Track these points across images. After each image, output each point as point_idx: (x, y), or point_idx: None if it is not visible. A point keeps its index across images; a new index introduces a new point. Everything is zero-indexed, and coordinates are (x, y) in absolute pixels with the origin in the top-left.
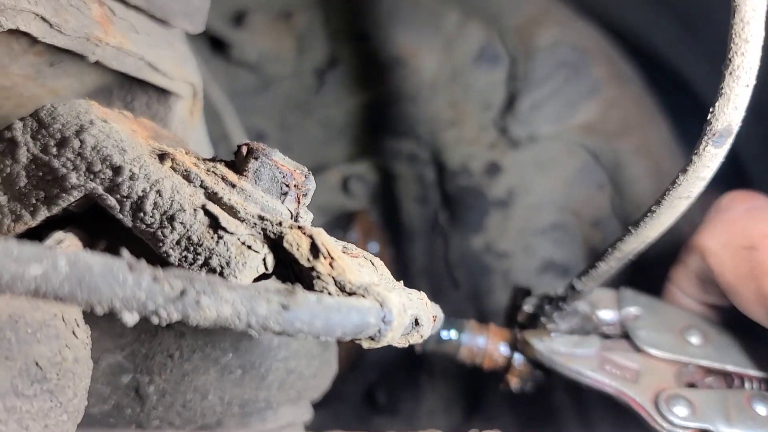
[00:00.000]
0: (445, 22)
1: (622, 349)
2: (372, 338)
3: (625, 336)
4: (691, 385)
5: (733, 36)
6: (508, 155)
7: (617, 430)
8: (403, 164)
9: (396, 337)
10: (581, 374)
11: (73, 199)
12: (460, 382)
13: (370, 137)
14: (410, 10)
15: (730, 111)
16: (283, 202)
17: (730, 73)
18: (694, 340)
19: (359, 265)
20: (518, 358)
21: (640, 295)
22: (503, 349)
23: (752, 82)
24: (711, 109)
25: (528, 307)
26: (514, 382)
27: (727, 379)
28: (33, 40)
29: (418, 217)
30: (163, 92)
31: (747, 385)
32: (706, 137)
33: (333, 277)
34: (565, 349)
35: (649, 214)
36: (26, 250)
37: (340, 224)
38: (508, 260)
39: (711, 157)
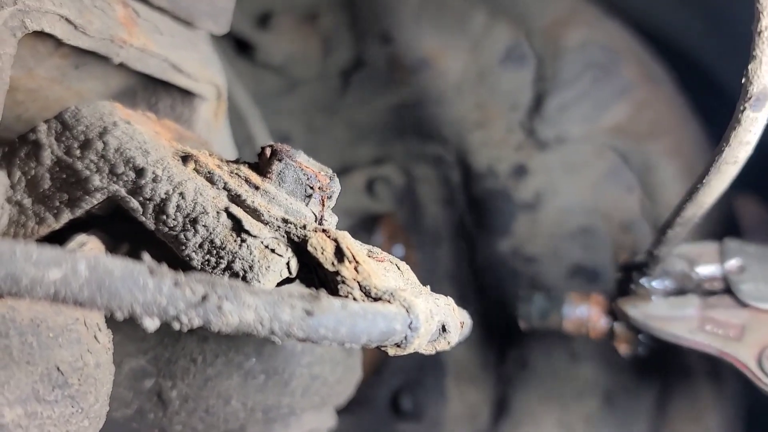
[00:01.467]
0: (472, 23)
1: (725, 305)
2: (398, 345)
3: (730, 291)
4: None
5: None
6: (536, 157)
7: None
8: (429, 166)
9: (423, 344)
10: (679, 337)
11: (96, 202)
12: (486, 388)
13: (395, 139)
14: (436, 11)
15: (764, 73)
16: (307, 205)
17: (759, 34)
18: None
19: (385, 269)
20: (619, 325)
21: (746, 244)
22: (606, 318)
23: None
24: (744, 72)
25: (617, 275)
26: (623, 348)
27: None
28: (58, 43)
29: (443, 220)
30: (187, 94)
31: None
32: (743, 102)
33: (358, 282)
34: (661, 313)
35: (700, 184)
36: (46, 253)
37: (365, 227)
38: (535, 264)
39: (752, 122)
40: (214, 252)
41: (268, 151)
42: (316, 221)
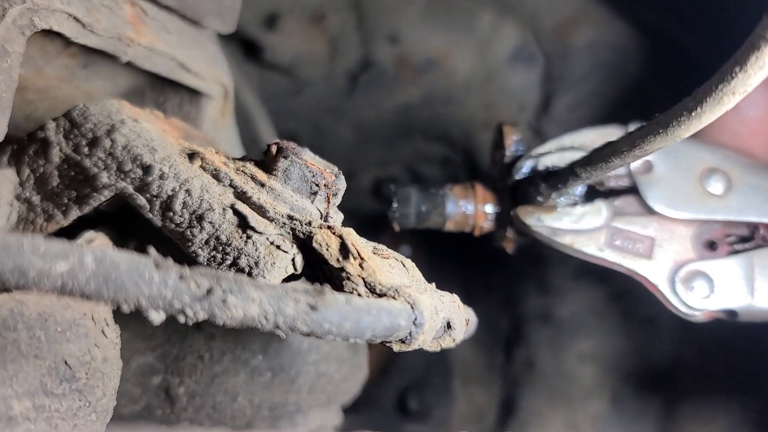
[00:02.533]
0: (480, 22)
1: (633, 211)
2: (403, 341)
3: (637, 191)
4: (711, 244)
5: None
6: None
7: None
8: (436, 167)
9: (427, 340)
10: (588, 255)
11: (104, 199)
12: (492, 388)
13: (402, 140)
14: (444, 11)
15: None
16: (312, 202)
17: None
18: (715, 188)
19: (390, 266)
20: (511, 230)
21: None
22: (491, 214)
23: None
24: None
25: (519, 175)
26: (509, 247)
27: (751, 229)
28: (66, 42)
29: None
30: (194, 93)
31: None
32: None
33: (363, 278)
34: (568, 226)
35: (686, 113)
36: (53, 246)
37: (371, 228)
38: (542, 264)
39: None
40: (220, 248)
41: (274, 149)
42: (321, 218)
